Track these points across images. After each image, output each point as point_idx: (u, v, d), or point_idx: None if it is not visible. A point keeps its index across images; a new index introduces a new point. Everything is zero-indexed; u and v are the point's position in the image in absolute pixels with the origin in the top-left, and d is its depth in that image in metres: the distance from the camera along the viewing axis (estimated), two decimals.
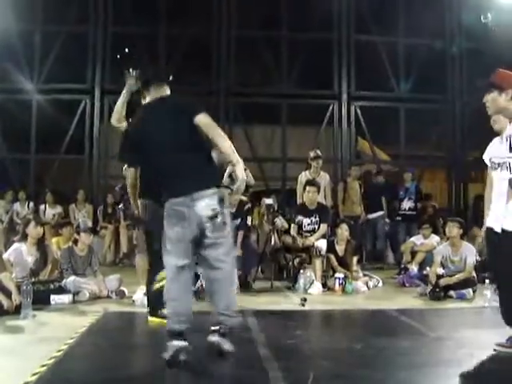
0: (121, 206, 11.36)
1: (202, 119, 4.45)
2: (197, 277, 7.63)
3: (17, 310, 6.28)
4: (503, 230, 4.69)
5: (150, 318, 5.80)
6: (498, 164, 4.75)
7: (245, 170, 9.40)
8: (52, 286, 7.28)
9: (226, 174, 9.25)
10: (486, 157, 4.98)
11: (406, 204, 11.89)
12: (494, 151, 4.89)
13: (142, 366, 4.71)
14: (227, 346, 4.46)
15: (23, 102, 13.75)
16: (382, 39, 14.51)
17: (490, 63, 14.13)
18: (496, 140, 4.93)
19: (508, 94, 4.61)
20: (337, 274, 8.42)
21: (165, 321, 4.95)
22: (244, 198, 9.30)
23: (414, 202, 11.89)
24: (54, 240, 9.61)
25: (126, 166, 7.41)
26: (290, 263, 9.02)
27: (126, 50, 15.41)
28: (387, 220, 12.06)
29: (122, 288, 7.71)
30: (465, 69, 14.59)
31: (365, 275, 9.02)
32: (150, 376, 4.38)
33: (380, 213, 11.85)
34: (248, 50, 14.24)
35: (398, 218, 11.86)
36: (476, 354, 4.81)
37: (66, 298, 7.19)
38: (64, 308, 6.93)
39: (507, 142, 4.69)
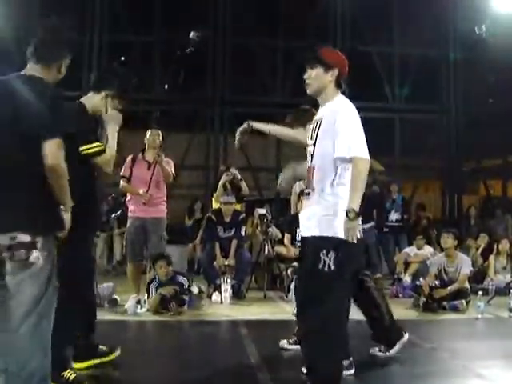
0: (114, 214, 11.40)
1: None
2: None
3: None
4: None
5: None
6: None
7: (240, 180, 9.50)
8: None
9: (220, 184, 9.30)
10: None
11: (393, 216, 11.86)
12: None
13: (134, 375, 4.69)
14: None
15: None
16: (377, 49, 14.56)
17: (485, 73, 14.29)
18: None
19: (334, 73, 3.97)
20: None
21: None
22: (239, 208, 9.31)
23: (401, 213, 11.88)
24: None
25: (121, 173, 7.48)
26: (284, 273, 9.01)
27: (122, 57, 15.42)
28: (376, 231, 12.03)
29: (115, 296, 7.67)
30: (460, 79, 14.63)
31: None
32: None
33: (370, 224, 11.83)
34: (243, 59, 14.27)
35: (386, 230, 11.85)
36: (468, 365, 4.81)
37: None
38: None
39: (312, 127, 4.06)
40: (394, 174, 14.09)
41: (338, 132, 3.77)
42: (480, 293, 7.45)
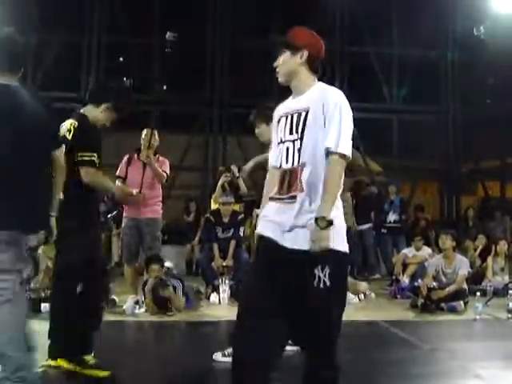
0: (110, 214, 11.38)
1: None
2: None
3: None
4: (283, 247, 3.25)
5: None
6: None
7: (237, 178, 9.46)
8: (43, 294, 7.24)
9: (219, 185, 9.28)
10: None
11: (391, 217, 11.89)
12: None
13: (131, 375, 4.69)
14: None
15: None
16: (376, 50, 14.56)
17: (484, 74, 14.31)
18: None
19: (303, 55, 3.52)
20: None
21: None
22: (237, 209, 9.30)
23: (399, 214, 11.92)
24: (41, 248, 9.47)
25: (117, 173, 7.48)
26: None
27: (121, 58, 15.44)
28: (374, 232, 12.06)
29: (113, 297, 7.67)
30: (458, 80, 14.64)
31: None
32: None
33: (368, 225, 11.87)
34: (242, 61, 14.28)
35: (384, 231, 11.87)
36: (467, 366, 4.82)
37: None
38: None
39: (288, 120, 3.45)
40: (392, 175, 14.09)
41: (330, 121, 3.26)
42: (478, 294, 7.46)
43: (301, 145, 3.29)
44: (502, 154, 14.45)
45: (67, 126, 4.72)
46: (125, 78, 15.04)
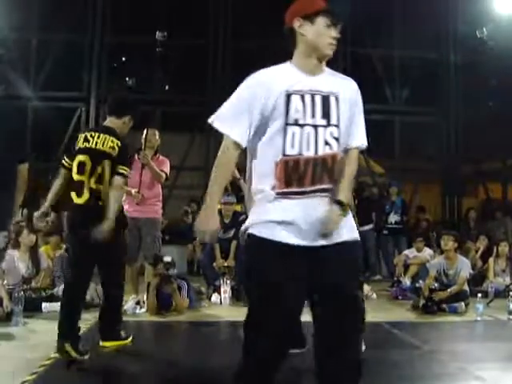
0: None
1: None
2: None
3: (8, 317, 6.27)
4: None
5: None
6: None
7: (239, 179, 9.44)
8: (44, 294, 7.25)
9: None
10: None
11: (393, 218, 11.88)
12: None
13: (131, 375, 4.69)
14: None
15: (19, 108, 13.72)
16: (378, 52, 14.55)
17: (486, 76, 14.28)
18: None
19: None
20: None
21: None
22: (239, 209, 9.29)
23: (400, 215, 11.91)
24: (42, 248, 9.49)
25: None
26: None
27: (123, 58, 15.44)
28: (375, 233, 12.05)
29: None
30: (460, 81, 14.63)
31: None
32: None
33: (370, 226, 11.86)
34: (244, 60, 14.27)
35: (385, 232, 11.86)
36: (468, 368, 4.81)
37: (57, 306, 7.08)
38: (55, 316, 6.80)
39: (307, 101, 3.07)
40: (394, 176, 14.07)
41: (359, 114, 3.14)
42: (479, 295, 7.46)
43: (339, 133, 3.01)
44: (503, 155, 14.43)
45: (109, 143, 5.01)
46: (127, 78, 15.05)
